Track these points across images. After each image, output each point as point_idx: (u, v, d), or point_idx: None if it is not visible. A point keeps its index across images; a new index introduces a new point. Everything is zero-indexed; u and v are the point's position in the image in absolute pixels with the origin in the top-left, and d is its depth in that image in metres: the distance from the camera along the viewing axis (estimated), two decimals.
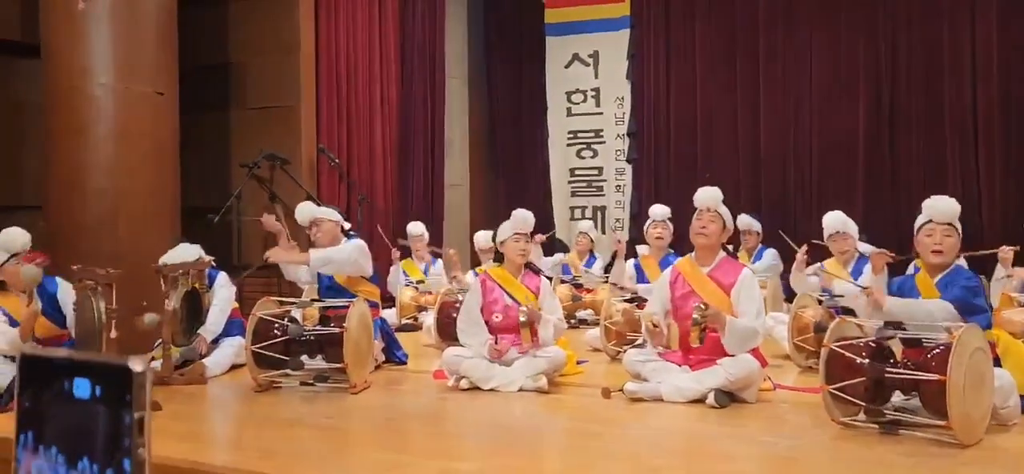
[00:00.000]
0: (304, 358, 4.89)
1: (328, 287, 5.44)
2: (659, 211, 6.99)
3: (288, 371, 4.85)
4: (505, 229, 5.17)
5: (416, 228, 8.53)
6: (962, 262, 4.40)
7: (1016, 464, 3.33)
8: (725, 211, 4.64)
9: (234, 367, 5.40)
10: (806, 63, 9.80)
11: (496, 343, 4.84)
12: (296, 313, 5.19)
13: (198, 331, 5.29)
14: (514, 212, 5.18)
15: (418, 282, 8.28)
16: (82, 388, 0.98)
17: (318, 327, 4.97)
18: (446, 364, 4.91)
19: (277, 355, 4.82)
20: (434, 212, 9.85)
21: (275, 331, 4.86)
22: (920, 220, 4.14)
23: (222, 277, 5.66)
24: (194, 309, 5.20)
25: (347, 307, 4.87)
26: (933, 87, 9.13)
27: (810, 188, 9.64)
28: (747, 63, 10.14)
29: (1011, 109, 8.68)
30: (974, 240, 7.68)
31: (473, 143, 11.26)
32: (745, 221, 8.08)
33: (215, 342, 5.46)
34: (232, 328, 5.56)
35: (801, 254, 5.98)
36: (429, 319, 6.86)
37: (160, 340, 5.07)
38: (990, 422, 3.58)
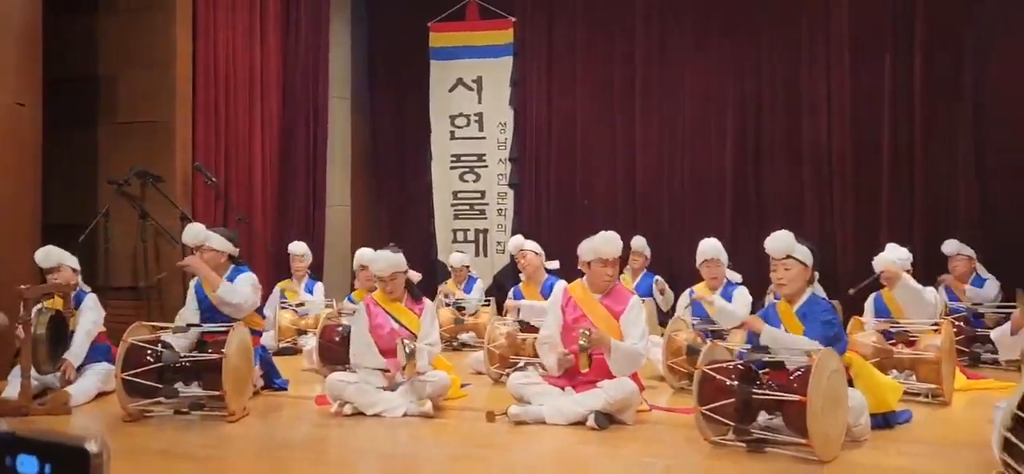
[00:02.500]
0: (179, 385, 4.71)
1: (208, 311, 5.25)
2: (518, 242, 7.16)
3: (161, 399, 4.66)
4: (375, 267, 5.18)
5: (297, 248, 8.35)
6: (818, 288, 4.72)
7: None
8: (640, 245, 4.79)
9: (100, 395, 5.13)
10: (679, 99, 10.28)
11: (388, 369, 4.84)
12: (173, 339, 4.97)
13: (64, 356, 5.00)
14: (378, 253, 5.19)
15: (297, 305, 8.10)
16: (28, 465, 0.90)
17: (195, 353, 4.80)
18: (329, 390, 4.85)
19: (150, 383, 4.62)
20: (315, 232, 9.67)
21: (148, 357, 4.66)
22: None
23: (90, 299, 5.38)
24: (59, 333, 4.92)
25: (226, 332, 4.73)
26: (793, 127, 9.76)
27: (683, 219, 10.08)
28: (624, 96, 10.53)
29: (861, 151, 9.39)
30: (829, 271, 8.29)
31: (356, 163, 11.15)
32: (639, 243, 8.35)
33: (78, 369, 5.18)
34: (97, 354, 5.29)
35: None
36: (310, 343, 6.73)
37: (16, 365, 4.77)
38: (845, 439, 3.89)
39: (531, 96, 10.91)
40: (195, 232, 5.48)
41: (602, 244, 4.75)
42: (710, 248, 6.28)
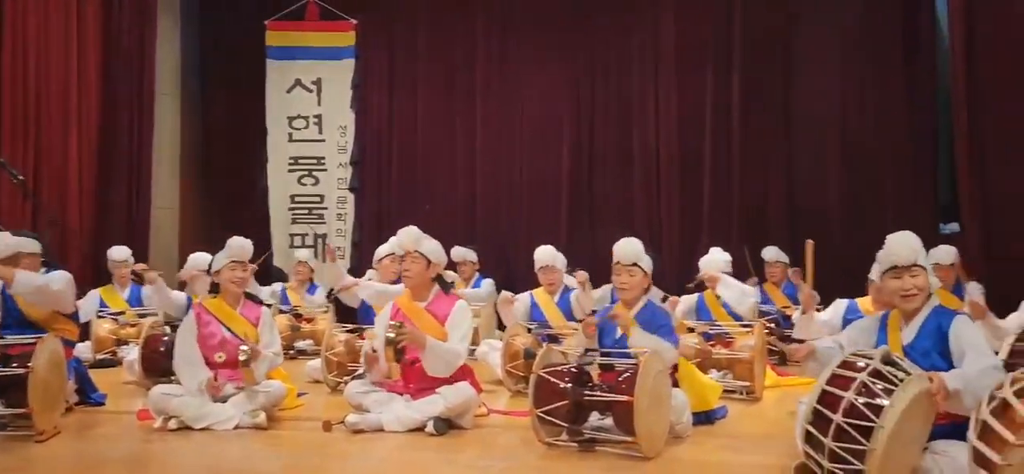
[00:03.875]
0: None
1: (16, 322, 4.80)
2: (384, 249, 7.07)
3: None
4: (220, 258, 4.96)
5: (119, 252, 7.80)
6: (653, 294, 4.96)
7: (691, 470, 3.85)
8: (426, 250, 4.81)
9: None
10: (518, 105, 10.52)
11: (215, 379, 4.63)
12: None
13: None
14: (230, 240, 4.98)
15: (118, 313, 7.57)
16: None
17: None
18: (153, 404, 4.59)
19: None
20: (139, 235, 9.09)
21: None
22: (614, 260, 4.64)
23: None
24: None
25: (33, 344, 4.36)
26: (624, 135, 10.23)
27: (521, 222, 10.31)
28: (465, 101, 10.66)
29: (686, 158, 9.98)
30: (656, 273, 8.73)
31: (185, 163, 10.60)
32: (459, 252, 8.45)
33: None
34: None
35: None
36: (132, 354, 6.32)
37: None
38: (669, 436, 4.12)
39: (372, 99, 10.83)
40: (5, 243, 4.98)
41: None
42: (547, 255, 6.46)
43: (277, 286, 8.90)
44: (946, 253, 6.41)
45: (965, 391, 3.11)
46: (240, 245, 4.96)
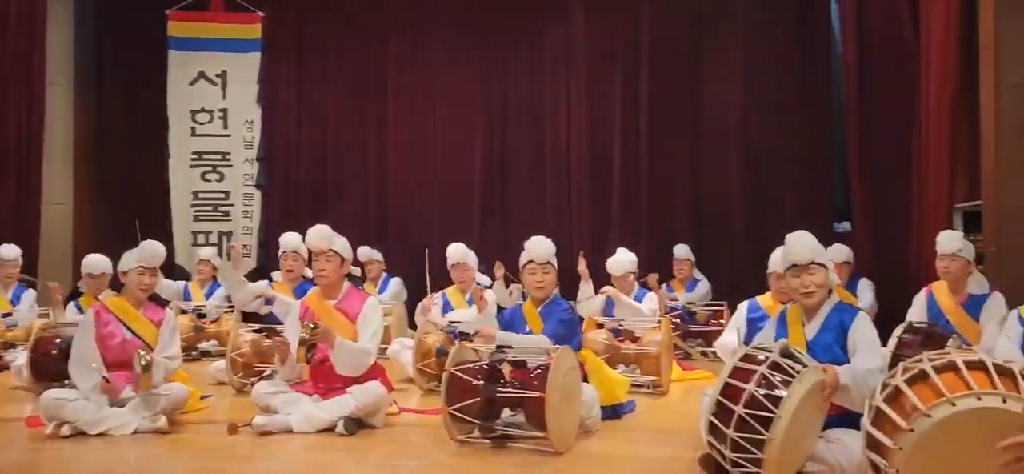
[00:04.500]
0: None
1: None
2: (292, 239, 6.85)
3: None
4: (129, 259, 4.77)
5: (7, 251, 7.40)
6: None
7: (600, 464, 3.92)
8: (340, 247, 4.76)
9: None
10: (430, 105, 10.48)
11: (108, 381, 4.43)
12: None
13: None
14: (143, 244, 4.82)
15: (4, 314, 7.16)
16: None
17: None
18: (45, 409, 4.36)
19: None
20: (28, 232, 8.61)
21: None
22: (524, 259, 4.69)
23: None
24: None
25: None
26: (536, 137, 10.34)
27: (433, 220, 10.28)
28: (376, 99, 10.54)
29: (596, 160, 10.16)
30: (567, 273, 8.86)
31: (79, 157, 10.09)
32: (366, 252, 8.36)
33: None
34: None
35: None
36: (20, 358, 5.98)
37: None
38: (579, 430, 4.19)
39: (280, 94, 10.58)
40: None
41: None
42: (457, 252, 6.46)
43: (180, 284, 8.56)
44: (839, 251, 6.74)
45: (854, 387, 3.29)
46: (152, 251, 4.83)
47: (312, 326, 4.31)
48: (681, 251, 8.53)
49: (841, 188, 9.55)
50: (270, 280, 6.72)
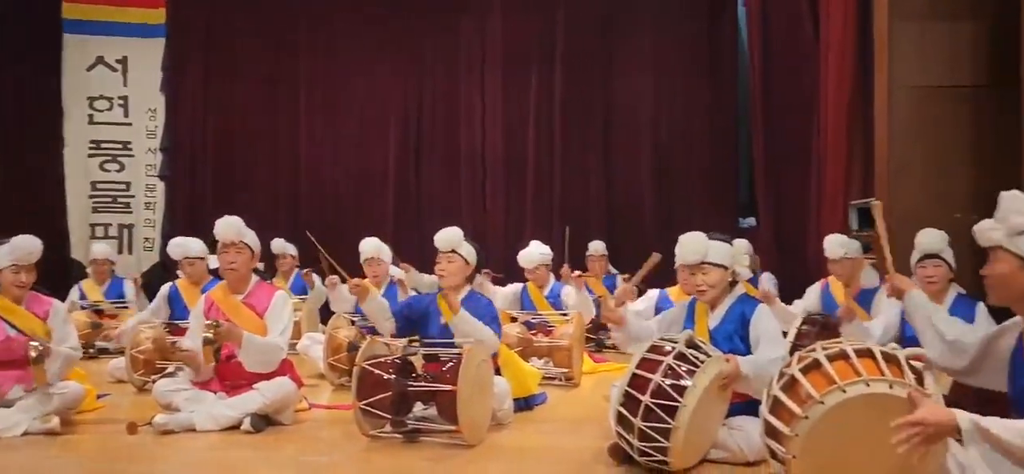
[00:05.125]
0: None
1: None
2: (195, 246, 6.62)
3: None
4: (2, 257, 4.45)
5: None
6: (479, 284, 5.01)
7: (512, 456, 3.94)
8: (252, 241, 4.63)
9: None
10: (344, 96, 10.32)
11: None
12: None
13: None
14: (14, 239, 4.47)
15: None
16: None
17: None
18: None
19: None
20: None
21: None
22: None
23: None
24: None
25: None
26: (452, 130, 10.31)
27: (347, 214, 10.13)
28: (288, 90, 10.32)
29: (511, 155, 10.21)
30: (481, 264, 8.87)
31: None
32: (279, 245, 8.18)
33: None
34: None
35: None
36: None
37: None
38: (491, 423, 4.20)
39: (186, 82, 10.22)
40: None
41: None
42: (371, 247, 6.37)
43: (74, 291, 8.03)
44: (740, 246, 6.95)
45: (754, 376, 3.42)
46: (26, 248, 4.44)
47: (215, 324, 4.17)
48: (596, 247, 8.63)
49: (746, 185, 9.87)
50: (176, 278, 6.47)
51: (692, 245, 3.83)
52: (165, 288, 6.32)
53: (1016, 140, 4.21)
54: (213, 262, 6.57)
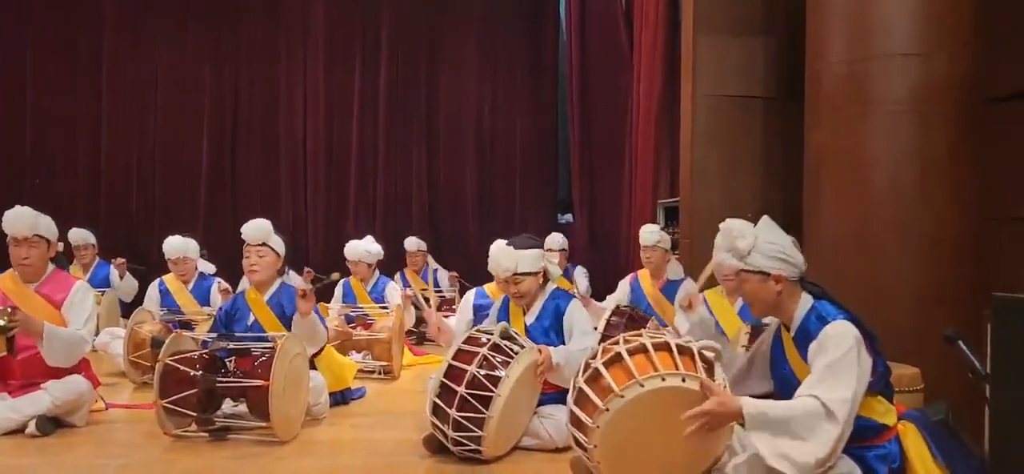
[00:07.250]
0: None
1: None
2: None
3: None
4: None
5: None
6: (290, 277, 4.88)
7: (327, 451, 3.87)
8: (46, 231, 4.27)
9: None
10: (152, 76, 9.70)
11: None
12: None
13: None
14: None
15: None
16: None
17: None
18: None
19: None
20: None
21: None
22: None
23: None
24: None
25: None
26: (270, 119, 9.96)
27: (154, 205, 9.54)
28: (89, 67, 9.56)
29: (333, 146, 10.00)
30: (301, 257, 8.65)
31: None
32: (79, 235, 7.57)
33: None
34: None
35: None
36: None
37: None
38: (306, 418, 4.11)
39: None
40: None
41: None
42: (176, 247, 6.03)
43: None
44: (554, 240, 7.26)
45: (566, 365, 3.58)
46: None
47: (9, 312, 3.78)
48: (411, 244, 8.60)
49: (565, 183, 10.25)
50: None
51: (502, 260, 3.87)
52: None
53: (799, 150, 4.62)
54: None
